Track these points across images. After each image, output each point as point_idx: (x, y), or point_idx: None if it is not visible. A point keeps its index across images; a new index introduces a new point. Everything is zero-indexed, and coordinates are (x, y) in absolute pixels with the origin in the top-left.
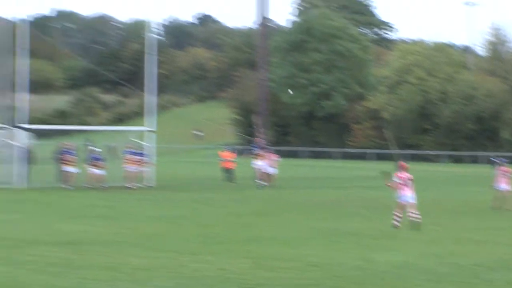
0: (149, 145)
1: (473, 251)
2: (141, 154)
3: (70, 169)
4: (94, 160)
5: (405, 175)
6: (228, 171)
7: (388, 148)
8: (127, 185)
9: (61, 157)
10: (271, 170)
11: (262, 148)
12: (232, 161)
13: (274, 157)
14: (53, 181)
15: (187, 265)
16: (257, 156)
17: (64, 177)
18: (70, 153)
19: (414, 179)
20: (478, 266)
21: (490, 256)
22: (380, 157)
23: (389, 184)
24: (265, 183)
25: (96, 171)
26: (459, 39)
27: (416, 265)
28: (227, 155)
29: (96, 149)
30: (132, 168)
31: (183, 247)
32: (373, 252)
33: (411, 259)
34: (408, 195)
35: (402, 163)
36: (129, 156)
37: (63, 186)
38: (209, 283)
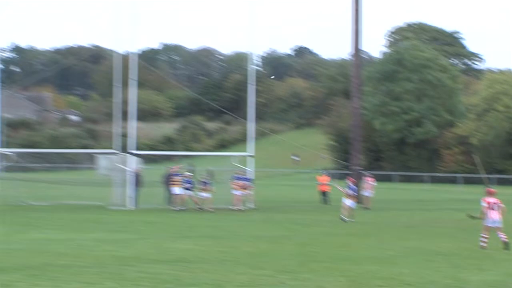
0: (249, 169)
1: None
2: (246, 179)
3: (177, 190)
4: (203, 184)
5: (492, 200)
6: (324, 193)
7: (476, 173)
8: (233, 208)
9: (170, 180)
10: (367, 193)
11: (354, 188)
12: (328, 185)
13: (371, 180)
14: (161, 203)
15: (286, 283)
16: (348, 196)
17: (173, 199)
18: (177, 175)
19: (503, 203)
20: None
21: None
22: (469, 181)
23: (480, 217)
24: (350, 219)
25: (204, 194)
26: None
27: (508, 284)
28: (324, 179)
29: (188, 173)
30: (238, 192)
31: (283, 265)
32: (464, 271)
33: (502, 278)
34: (495, 219)
35: (489, 189)
36: (236, 181)
37: (172, 207)
38: None
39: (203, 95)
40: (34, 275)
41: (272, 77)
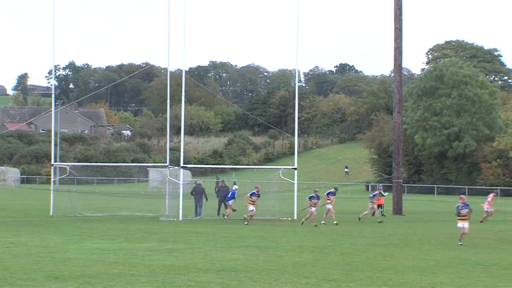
0: (293, 181)
1: None
2: (256, 195)
3: (252, 208)
4: (251, 197)
5: None
6: (380, 206)
7: None
8: (280, 218)
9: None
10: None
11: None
12: (383, 197)
13: (491, 196)
14: (211, 215)
15: None
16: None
17: (249, 215)
18: (254, 195)
19: None
20: None
21: None
22: (508, 194)
23: None
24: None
25: (251, 207)
26: None
27: None
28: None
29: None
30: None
31: (327, 275)
32: (503, 281)
33: None
34: None
35: None
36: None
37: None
38: None
39: (249, 111)
40: (88, 283)
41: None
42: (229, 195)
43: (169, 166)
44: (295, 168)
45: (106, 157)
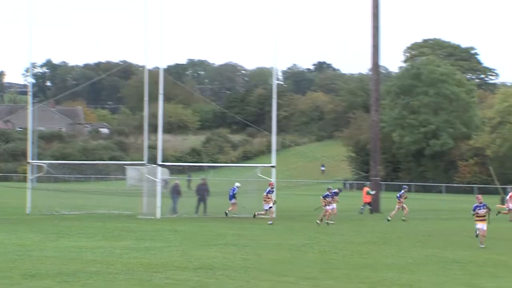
0: (272, 180)
1: None
2: (271, 192)
3: (267, 206)
4: (267, 195)
5: None
6: (369, 204)
7: (491, 183)
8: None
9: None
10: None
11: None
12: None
13: None
14: (189, 213)
15: None
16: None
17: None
18: (270, 192)
19: None
20: None
21: None
22: (484, 192)
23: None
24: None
25: (267, 205)
26: None
27: None
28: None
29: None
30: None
31: (304, 272)
32: (480, 278)
33: None
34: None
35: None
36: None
37: (269, 222)
38: None
39: (227, 109)
40: (66, 281)
41: None
42: (230, 194)
43: (146, 164)
44: (273, 166)
45: (83, 155)
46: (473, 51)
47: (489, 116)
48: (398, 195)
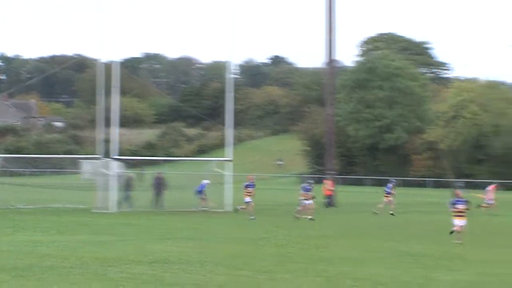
0: (228, 173)
1: None
2: (251, 186)
3: (248, 199)
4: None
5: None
6: (328, 197)
7: (445, 177)
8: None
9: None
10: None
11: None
12: (332, 189)
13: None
14: (145, 206)
15: (265, 283)
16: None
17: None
18: (250, 186)
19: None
20: None
21: None
22: (438, 185)
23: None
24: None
25: (248, 198)
26: (509, 77)
27: (477, 283)
28: (329, 183)
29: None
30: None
31: (261, 266)
32: (435, 271)
33: (472, 278)
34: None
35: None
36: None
37: (251, 217)
38: None
39: (183, 103)
40: (20, 276)
41: None
42: (198, 189)
43: (101, 158)
44: (230, 160)
45: (37, 148)
46: (427, 46)
47: (443, 110)
48: (387, 188)
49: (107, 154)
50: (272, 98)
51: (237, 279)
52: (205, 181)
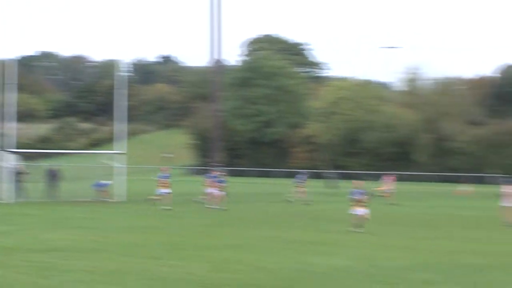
0: (121, 165)
1: (397, 256)
2: (166, 177)
3: (165, 190)
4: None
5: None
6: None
7: (322, 168)
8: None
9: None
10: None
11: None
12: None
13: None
14: (40, 197)
15: (155, 269)
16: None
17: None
18: (165, 177)
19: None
20: (401, 268)
21: (411, 260)
22: (315, 176)
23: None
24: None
25: (162, 190)
26: (380, 77)
27: (351, 267)
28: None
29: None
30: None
31: (152, 253)
32: (313, 256)
33: (348, 262)
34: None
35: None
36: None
37: (166, 207)
38: (174, 285)
39: (77, 99)
40: None
41: None
42: (98, 185)
43: None
44: (123, 153)
45: None
46: (305, 47)
47: (320, 107)
48: (298, 180)
49: (2, 147)
50: (162, 95)
51: (128, 265)
52: (108, 182)
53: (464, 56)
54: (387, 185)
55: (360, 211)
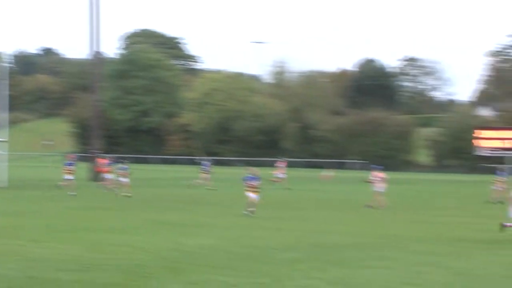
0: (2, 152)
1: (264, 236)
2: (71, 164)
3: (69, 177)
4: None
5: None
6: (98, 173)
7: (196, 155)
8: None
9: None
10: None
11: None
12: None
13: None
14: None
15: (33, 251)
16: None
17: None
18: (70, 164)
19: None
20: (268, 248)
21: (277, 239)
22: (190, 162)
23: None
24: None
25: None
26: (251, 70)
27: (218, 247)
28: (102, 161)
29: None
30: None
31: (31, 236)
32: (186, 237)
33: (216, 243)
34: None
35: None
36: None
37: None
38: (52, 265)
39: None
40: None
41: None
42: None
43: None
44: (5, 141)
45: None
46: (180, 41)
47: (194, 97)
48: (203, 166)
49: None
50: (42, 85)
51: (7, 247)
52: None
53: (327, 51)
54: (280, 170)
55: (253, 196)
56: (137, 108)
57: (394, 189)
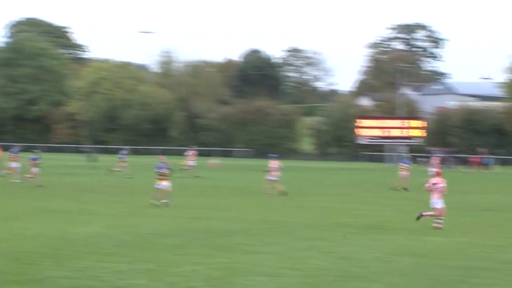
0: None
1: (149, 223)
2: (17, 152)
3: (15, 165)
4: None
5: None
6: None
7: (83, 143)
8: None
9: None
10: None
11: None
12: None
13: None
14: None
15: None
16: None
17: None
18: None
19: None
20: (153, 234)
21: (162, 226)
22: (76, 151)
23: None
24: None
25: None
26: (138, 59)
27: (105, 234)
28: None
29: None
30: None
31: None
32: (73, 225)
33: (101, 230)
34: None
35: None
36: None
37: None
38: None
39: None
40: None
41: None
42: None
43: None
44: None
45: None
46: (67, 30)
47: (81, 86)
48: (121, 155)
49: None
50: None
51: None
52: None
53: (213, 41)
54: (190, 159)
55: (164, 184)
56: (23, 97)
57: (281, 176)
